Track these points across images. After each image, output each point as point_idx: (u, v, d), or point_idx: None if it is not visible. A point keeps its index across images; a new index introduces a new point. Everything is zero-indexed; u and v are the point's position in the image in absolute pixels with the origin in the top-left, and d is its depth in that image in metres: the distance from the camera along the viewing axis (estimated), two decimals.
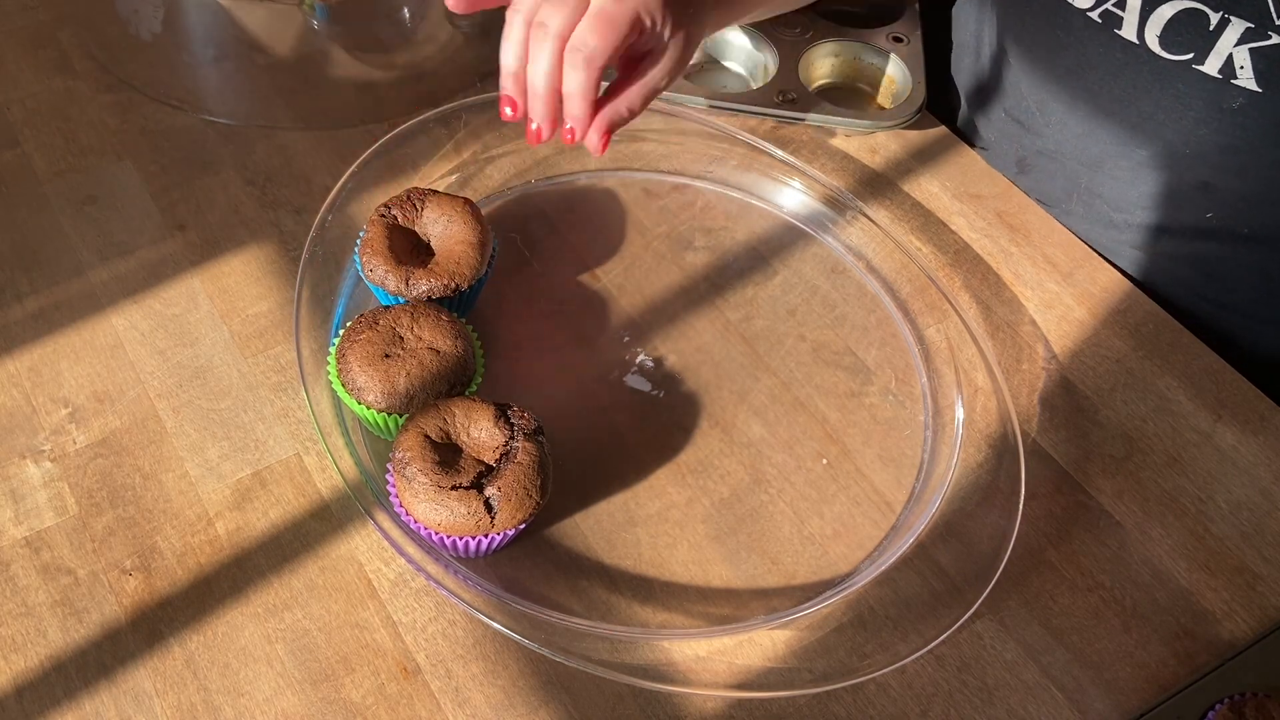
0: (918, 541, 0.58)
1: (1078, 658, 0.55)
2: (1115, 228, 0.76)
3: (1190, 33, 0.64)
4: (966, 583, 0.57)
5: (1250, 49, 0.62)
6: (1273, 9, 0.60)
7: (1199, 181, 0.71)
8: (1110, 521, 0.61)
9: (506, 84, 0.58)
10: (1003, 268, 0.72)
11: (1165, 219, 0.73)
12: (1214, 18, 0.62)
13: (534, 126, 0.58)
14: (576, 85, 0.56)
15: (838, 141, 0.79)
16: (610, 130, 0.58)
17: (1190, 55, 0.65)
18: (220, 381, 0.62)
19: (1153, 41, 0.66)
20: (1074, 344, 0.68)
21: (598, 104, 0.58)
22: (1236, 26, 0.62)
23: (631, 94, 0.59)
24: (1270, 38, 0.61)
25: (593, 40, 0.55)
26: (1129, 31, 0.67)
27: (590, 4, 0.55)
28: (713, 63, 0.84)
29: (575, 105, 0.57)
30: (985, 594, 0.55)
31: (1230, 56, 0.63)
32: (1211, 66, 0.64)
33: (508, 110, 0.59)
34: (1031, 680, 0.55)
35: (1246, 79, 0.63)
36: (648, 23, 0.56)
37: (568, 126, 0.57)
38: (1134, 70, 0.68)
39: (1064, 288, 0.71)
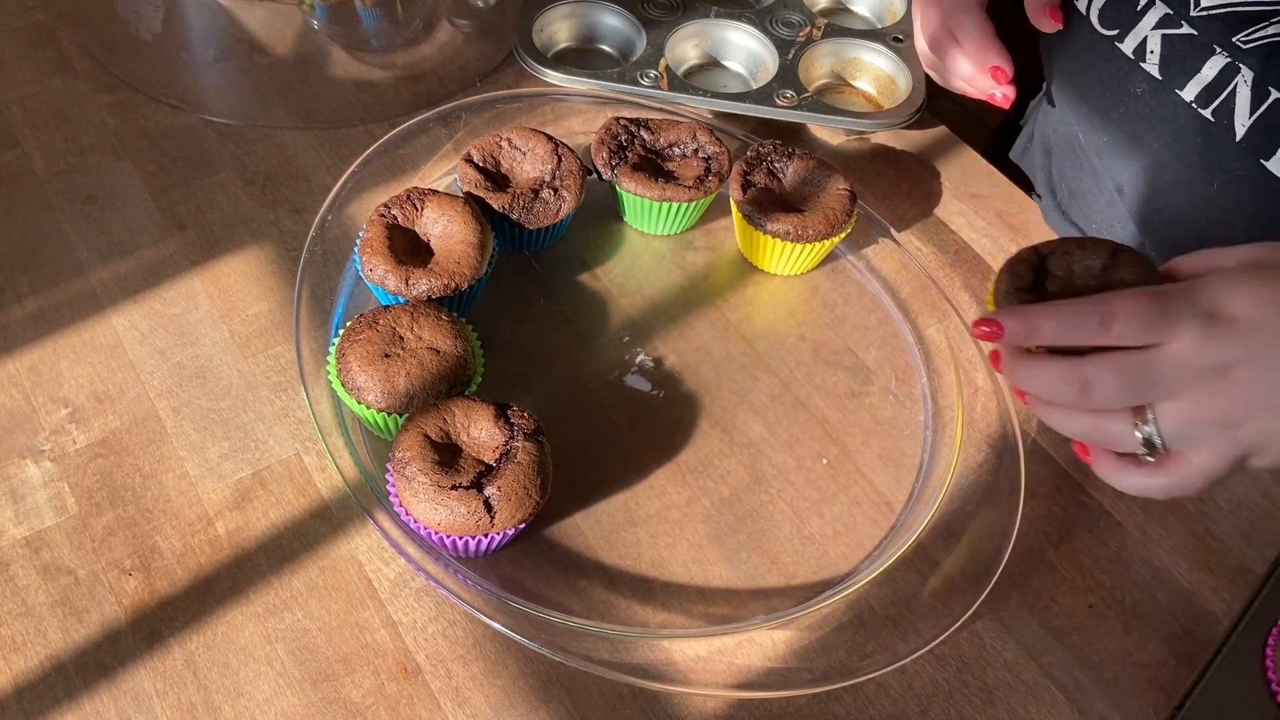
0: (918, 541, 0.58)
1: (1078, 658, 0.55)
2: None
3: (1121, 10, 0.65)
4: (966, 583, 0.57)
5: (1162, 35, 0.63)
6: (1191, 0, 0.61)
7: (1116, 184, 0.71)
8: (1110, 521, 0.61)
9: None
10: None
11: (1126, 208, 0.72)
12: None
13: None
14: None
15: (838, 141, 0.79)
16: None
17: (1115, 32, 0.66)
18: (220, 381, 0.62)
19: (1093, 16, 0.67)
20: None
21: None
22: (1157, 10, 0.63)
23: None
24: (1181, 26, 0.62)
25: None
26: (1081, 3, 0.69)
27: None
28: (713, 63, 0.84)
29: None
30: (985, 594, 0.55)
31: (1145, 39, 0.64)
32: (1128, 46, 0.65)
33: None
34: (1031, 680, 0.54)
35: (1151, 64, 0.64)
36: None
37: None
38: (1081, 44, 0.69)
39: None
